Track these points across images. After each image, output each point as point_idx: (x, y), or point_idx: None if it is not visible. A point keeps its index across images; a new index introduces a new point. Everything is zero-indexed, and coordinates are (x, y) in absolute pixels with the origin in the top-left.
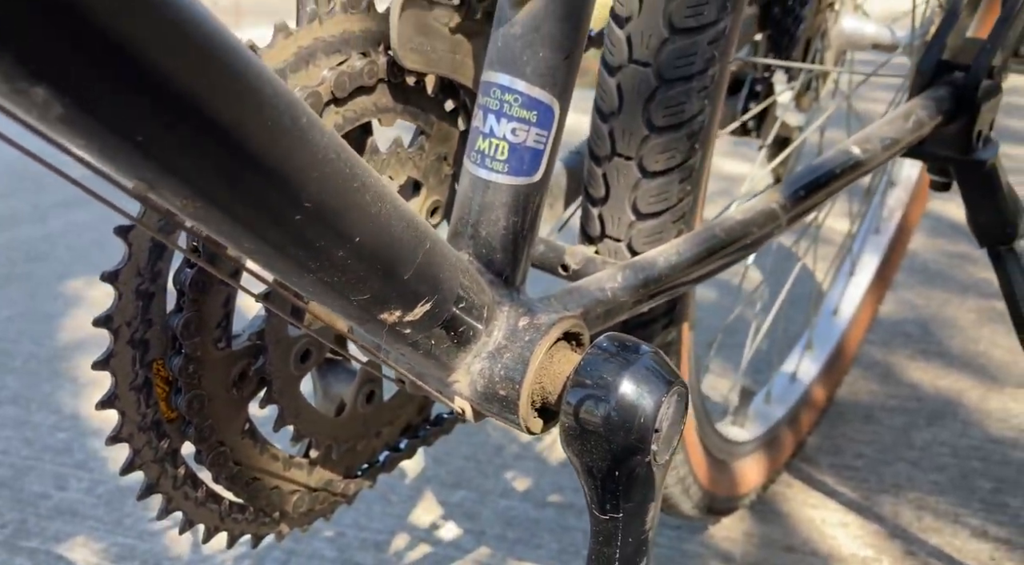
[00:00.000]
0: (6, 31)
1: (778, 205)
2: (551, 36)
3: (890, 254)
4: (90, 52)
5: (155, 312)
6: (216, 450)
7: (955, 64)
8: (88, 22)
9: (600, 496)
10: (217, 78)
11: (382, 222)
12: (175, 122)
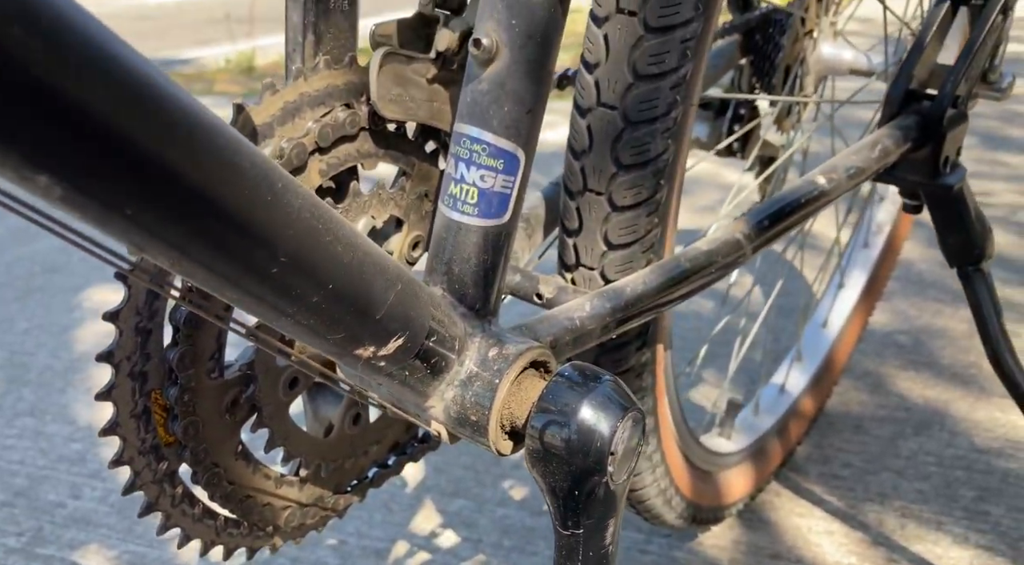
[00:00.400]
0: (14, 132)
1: (742, 235)
2: (515, 93)
3: (879, 268)
4: (84, 146)
5: (153, 347)
6: (211, 471)
7: (922, 93)
8: (81, 121)
9: (562, 513)
10: (201, 158)
11: (354, 269)
12: (162, 198)
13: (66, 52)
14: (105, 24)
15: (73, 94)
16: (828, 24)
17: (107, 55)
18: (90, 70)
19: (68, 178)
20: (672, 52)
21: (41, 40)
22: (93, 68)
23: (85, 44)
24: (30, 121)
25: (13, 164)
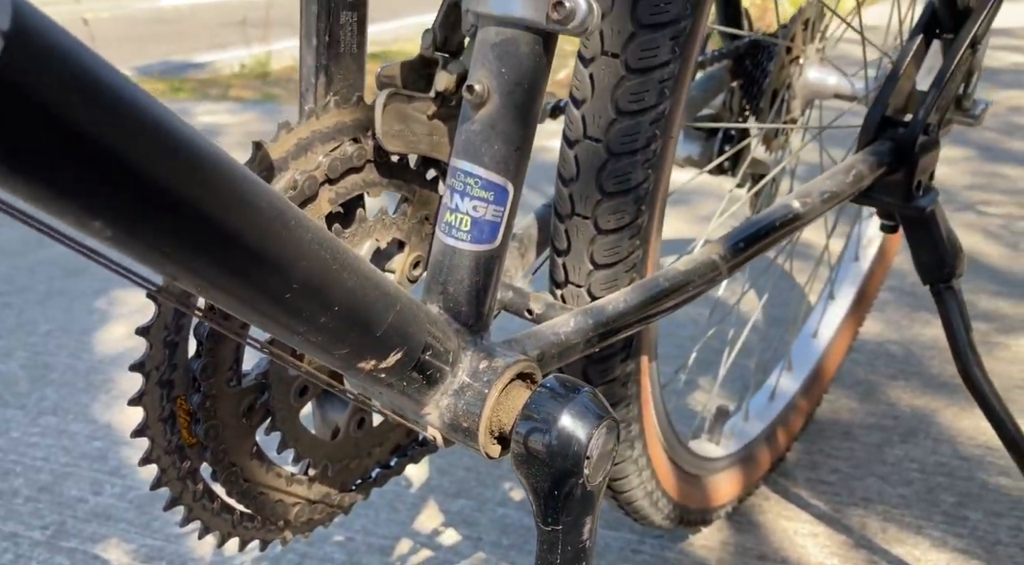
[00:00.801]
0: (76, 189)
1: (719, 257)
2: (504, 133)
3: (868, 282)
4: (131, 199)
5: (179, 358)
6: (229, 469)
7: (897, 120)
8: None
9: (543, 511)
10: (228, 203)
11: (357, 293)
12: (194, 239)
13: (121, 124)
14: (152, 96)
15: (124, 157)
16: (814, 51)
17: (155, 123)
18: (140, 137)
19: (117, 224)
20: (651, 91)
21: (101, 113)
22: (142, 135)
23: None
24: (88, 179)
25: (75, 214)
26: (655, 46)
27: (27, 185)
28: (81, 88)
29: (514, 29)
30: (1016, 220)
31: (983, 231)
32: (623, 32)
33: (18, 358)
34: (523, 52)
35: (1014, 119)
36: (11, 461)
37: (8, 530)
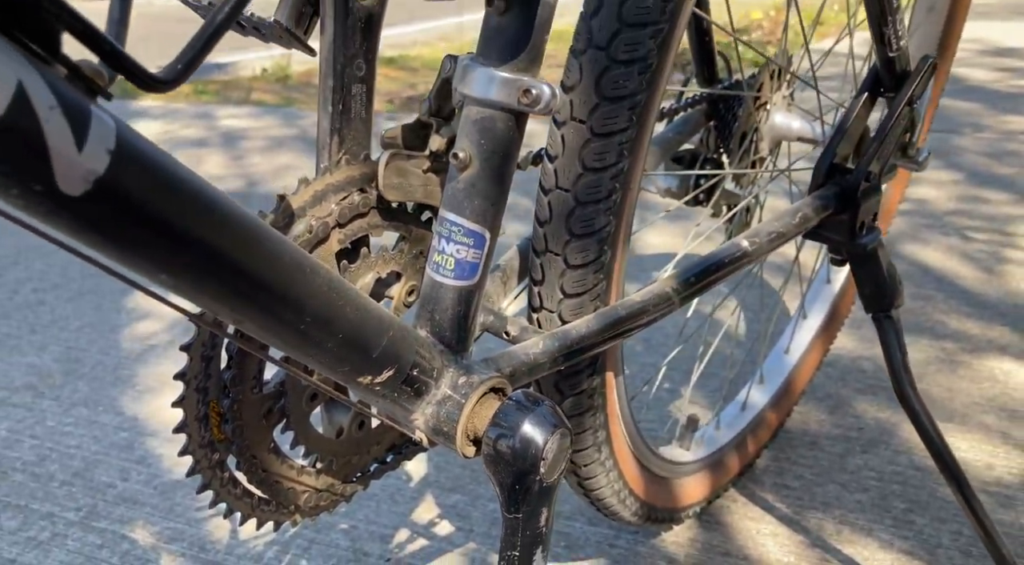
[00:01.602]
0: (155, 253)
1: (672, 289)
2: (482, 191)
3: (839, 303)
4: (194, 261)
5: (213, 369)
6: (250, 461)
7: (843, 168)
8: (187, 245)
9: (507, 502)
10: (260, 259)
11: (357, 324)
12: (234, 284)
13: (190, 208)
14: (210, 184)
15: (190, 231)
16: (781, 97)
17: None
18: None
19: (179, 278)
20: (612, 151)
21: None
22: (204, 215)
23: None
24: (164, 247)
25: (149, 270)
26: (615, 115)
27: (121, 252)
28: (163, 184)
29: (491, 109)
30: (995, 246)
31: (962, 255)
32: (588, 102)
33: (52, 352)
34: (499, 128)
35: (1005, 145)
36: (47, 448)
37: (45, 510)
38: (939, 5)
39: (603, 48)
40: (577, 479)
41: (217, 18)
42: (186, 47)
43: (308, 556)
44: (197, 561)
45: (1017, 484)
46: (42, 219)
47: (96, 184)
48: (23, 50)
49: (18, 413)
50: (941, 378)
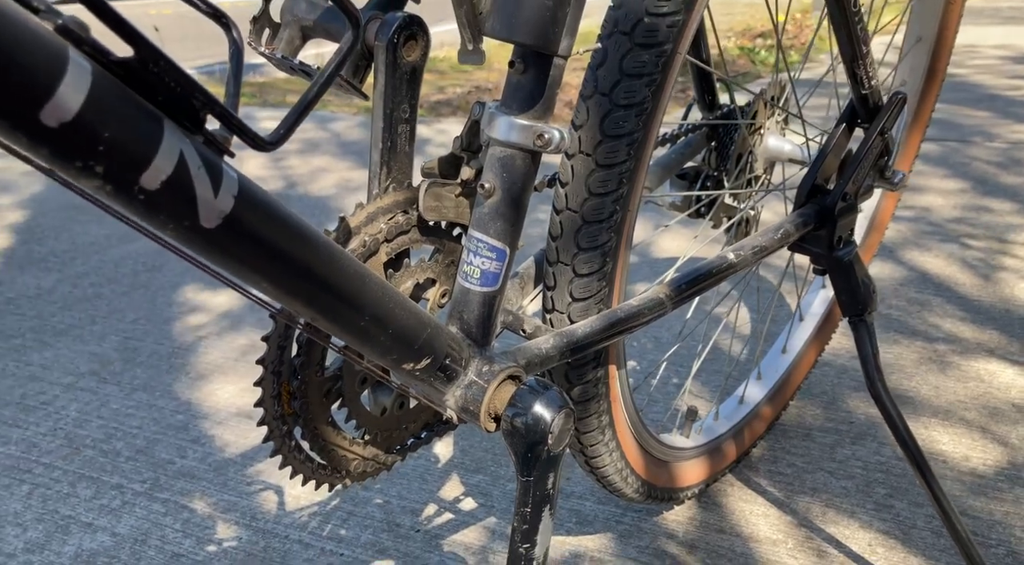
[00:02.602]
0: (265, 274)
1: (665, 295)
2: (504, 214)
3: (833, 308)
4: (292, 276)
5: (286, 356)
6: (313, 432)
7: (823, 188)
8: (291, 266)
9: (521, 467)
10: (335, 274)
11: (403, 322)
12: (315, 292)
13: (293, 239)
14: (305, 221)
15: (293, 257)
16: (775, 122)
17: (307, 236)
18: (302, 246)
19: (275, 284)
20: (613, 180)
21: (284, 234)
22: (302, 245)
23: (301, 234)
24: (273, 269)
25: (252, 279)
26: (616, 150)
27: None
28: (269, 218)
29: (512, 149)
30: (994, 254)
31: (961, 261)
32: (594, 139)
33: (111, 342)
34: (518, 164)
35: (1015, 153)
36: (112, 428)
37: (115, 482)
38: (927, 35)
39: (606, 94)
40: (584, 457)
41: (312, 90)
42: (288, 113)
43: (347, 526)
44: (249, 529)
45: (990, 474)
46: (185, 244)
47: (225, 219)
48: (181, 128)
49: (85, 396)
50: (931, 377)
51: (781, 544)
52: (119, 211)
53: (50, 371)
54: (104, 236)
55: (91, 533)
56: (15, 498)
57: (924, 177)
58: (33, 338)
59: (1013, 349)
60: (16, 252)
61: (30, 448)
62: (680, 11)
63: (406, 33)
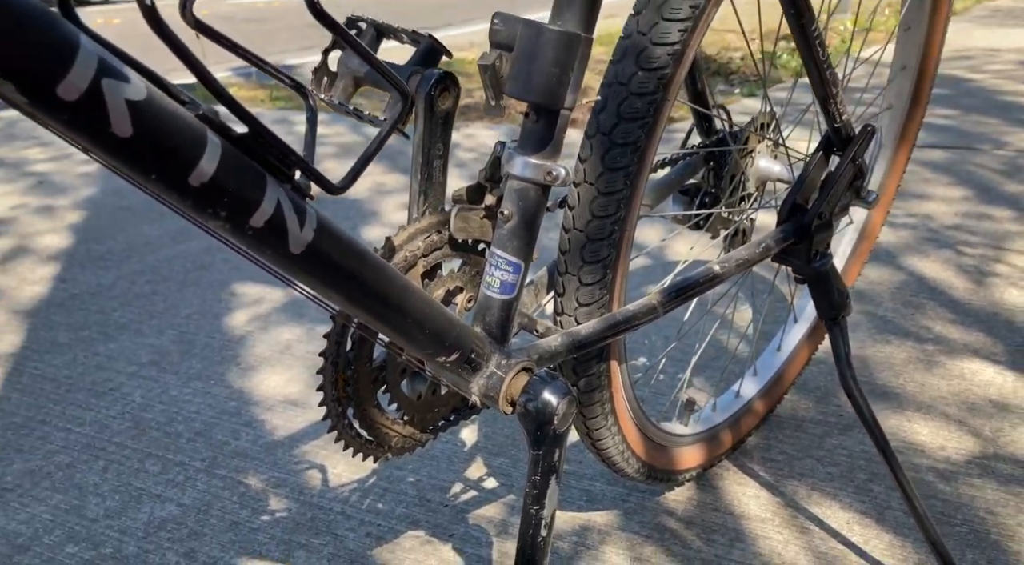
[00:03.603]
0: (329, 282)
1: (657, 302)
2: (520, 235)
3: None
4: (355, 288)
5: (342, 350)
6: (363, 413)
7: (802, 207)
8: (355, 281)
9: (533, 443)
10: (385, 285)
11: (437, 323)
12: (370, 300)
13: (356, 260)
14: (364, 245)
15: (357, 275)
16: (765, 145)
17: (366, 257)
18: (363, 265)
19: (341, 294)
20: (612, 205)
21: (350, 258)
22: (363, 264)
23: (362, 257)
24: (341, 284)
25: (324, 291)
26: (615, 180)
27: (315, 281)
28: (339, 243)
29: (526, 183)
30: (988, 261)
31: (957, 267)
32: (596, 171)
33: (168, 335)
34: (531, 195)
35: (1020, 161)
36: (173, 412)
37: (178, 460)
38: (911, 64)
39: (606, 134)
40: (590, 440)
41: (373, 145)
42: (354, 164)
43: (383, 500)
44: (297, 502)
45: (962, 463)
46: (277, 266)
47: (307, 247)
48: (277, 179)
49: (147, 384)
50: (917, 375)
51: (768, 521)
52: (229, 240)
53: (115, 361)
54: (156, 236)
55: (160, 503)
56: (93, 472)
57: (930, 185)
58: (98, 331)
59: (996, 350)
60: (77, 251)
61: (103, 429)
62: (669, 66)
63: (440, 86)
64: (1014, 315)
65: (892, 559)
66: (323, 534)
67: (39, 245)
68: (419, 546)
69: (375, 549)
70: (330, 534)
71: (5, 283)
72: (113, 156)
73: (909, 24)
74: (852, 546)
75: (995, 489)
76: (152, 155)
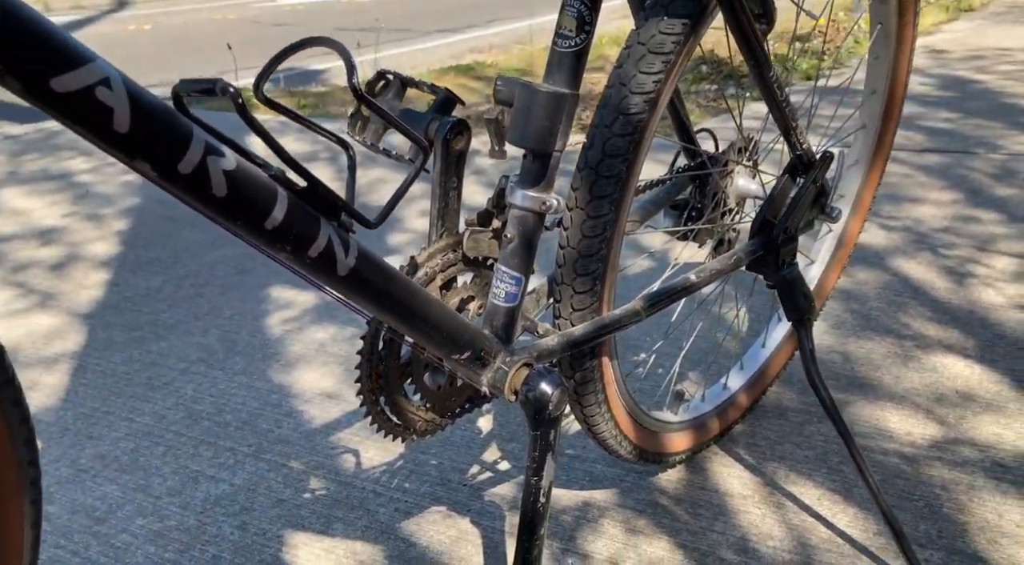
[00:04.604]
0: (367, 296)
1: (640, 307)
2: (521, 254)
3: None
4: (389, 302)
5: (375, 349)
6: (393, 400)
7: (771, 223)
8: (388, 295)
9: (532, 424)
10: (410, 298)
11: (453, 327)
12: (400, 309)
13: (390, 282)
14: (394, 268)
15: (390, 292)
16: (743, 166)
17: (396, 278)
18: (393, 284)
19: (377, 306)
20: (599, 226)
21: (387, 280)
22: (394, 284)
23: (396, 279)
24: (370, 292)
25: (363, 304)
26: (602, 206)
27: (356, 296)
28: (375, 266)
29: (525, 211)
30: (970, 262)
31: (940, 268)
32: (585, 198)
33: (213, 334)
34: (530, 221)
35: (1012, 165)
36: (221, 404)
37: (227, 446)
38: (880, 89)
39: (593, 168)
40: (587, 426)
41: (403, 186)
42: (388, 201)
43: (410, 480)
44: (334, 482)
45: (925, 447)
46: (326, 285)
47: (351, 271)
48: (328, 219)
49: (197, 379)
50: (894, 369)
51: (749, 498)
52: (292, 267)
53: (167, 358)
54: (198, 243)
55: (215, 483)
56: (154, 455)
57: (923, 188)
58: (150, 331)
59: (967, 345)
60: (126, 257)
61: (160, 419)
62: (645, 111)
63: (455, 131)
64: (987, 313)
65: (855, 529)
66: (357, 509)
67: (90, 252)
68: (441, 519)
69: (403, 522)
70: (363, 509)
71: (63, 288)
72: (213, 211)
73: (877, 54)
74: (821, 518)
75: (951, 469)
76: (240, 209)
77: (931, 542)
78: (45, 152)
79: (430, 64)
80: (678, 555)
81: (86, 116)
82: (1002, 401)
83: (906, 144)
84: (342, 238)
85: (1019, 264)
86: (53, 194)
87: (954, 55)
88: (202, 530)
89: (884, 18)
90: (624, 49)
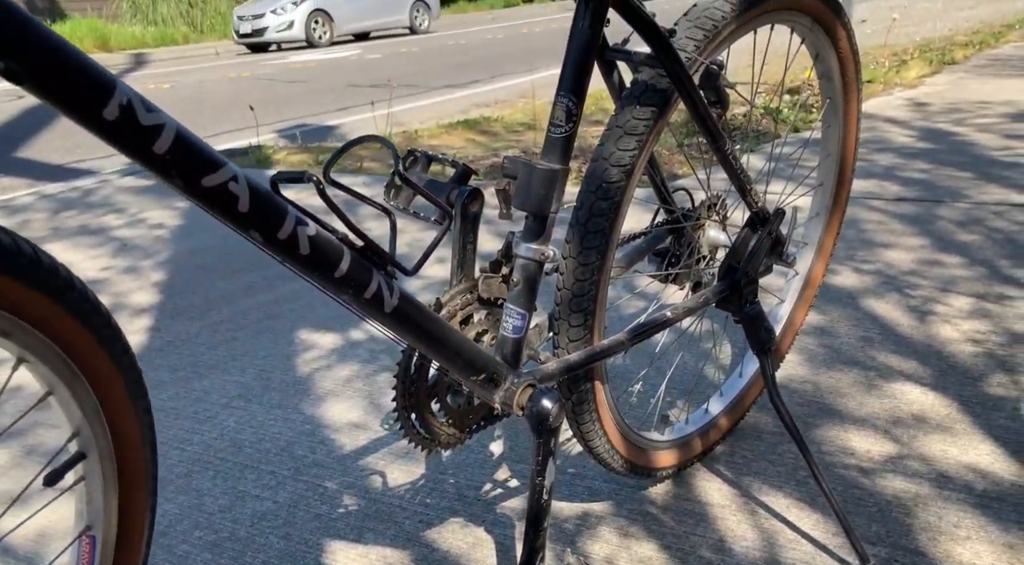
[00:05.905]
0: (405, 328)
1: (625, 338)
2: (525, 296)
3: (780, 342)
4: (420, 333)
5: (408, 373)
6: (421, 416)
7: (735, 268)
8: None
9: (535, 433)
10: (436, 330)
11: (470, 355)
12: (427, 339)
13: (421, 317)
14: (423, 305)
15: (417, 320)
16: (712, 219)
17: (422, 311)
18: (419, 316)
19: (414, 336)
20: (589, 272)
21: (421, 315)
22: (421, 316)
23: (424, 313)
24: (409, 325)
25: (402, 334)
26: (590, 255)
27: (397, 329)
28: (412, 306)
29: (528, 261)
30: (930, 301)
31: (905, 307)
32: (576, 248)
33: (250, 373)
34: (531, 269)
35: (976, 213)
36: (261, 434)
37: (269, 469)
38: (833, 151)
39: (583, 225)
40: (584, 441)
41: (435, 241)
42: (421, 255)
43: (431, 497)
44: (364, 499)
45: (880, 462)
46: (374, 320)
47: (395, 309)
48: (378, 268)
49: (238, 413)
50: (858, 396)
51: (727, 507)
52: (351, 307)
53: (209, 395)
54: (230, 291)
55: (260, 501)
56: (205, 478)
57: (895, 235)
58: (192, 371)
59: (924, 375)
60: (165, 305)
61: (207, 448)
62: (623, 180)
63: (471, 197)
64: (943, 346)
65: (817, 531)
66: (386, 521)
67: (132, 301)
68: (459, 529)
69: (426, 531)
70: (391, 521)
71: None
72: (299, 266)
73: (828, 122)
74: (788, 523)
75: (902, 480)
76: (319, 264)
77: (880, 540)
78: (81, 209)
79: (439, 118)
80: (664, 555)
81: (223, 203)
82: (950, 422)
83: (882, 193)
84: (388, 283)
85: (975, 303)
86: (93, 248)
87: (934, 108)
88: (251, 541)
89: (832, 94)
90: (605, 130)
